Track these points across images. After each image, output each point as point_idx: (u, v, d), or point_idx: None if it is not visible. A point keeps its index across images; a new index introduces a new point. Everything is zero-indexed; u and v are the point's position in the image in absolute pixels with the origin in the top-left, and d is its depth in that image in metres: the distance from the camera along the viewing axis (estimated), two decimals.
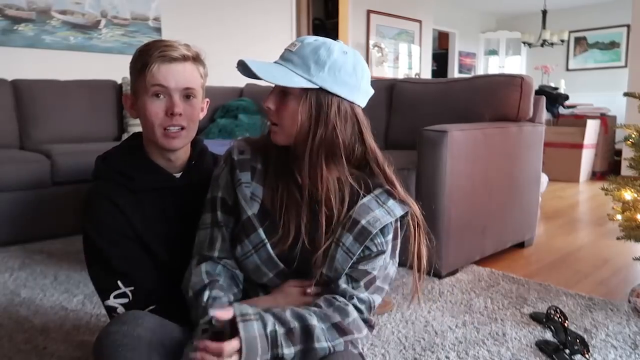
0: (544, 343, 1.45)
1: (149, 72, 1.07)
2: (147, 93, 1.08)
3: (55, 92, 3.11)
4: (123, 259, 1.06)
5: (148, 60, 1.07)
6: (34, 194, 2.55)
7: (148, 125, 1.10)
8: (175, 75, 1.09)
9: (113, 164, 1.14)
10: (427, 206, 1.97)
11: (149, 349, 0.83)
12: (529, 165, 2.41)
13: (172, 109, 1.08)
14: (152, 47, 1.09)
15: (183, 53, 1.10)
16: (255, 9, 4.51)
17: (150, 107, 1.08)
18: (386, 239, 0.97)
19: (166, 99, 1.09)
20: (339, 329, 0.88)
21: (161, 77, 1.07)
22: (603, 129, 5.23)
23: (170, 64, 1.08)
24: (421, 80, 2.92)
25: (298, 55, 0.91)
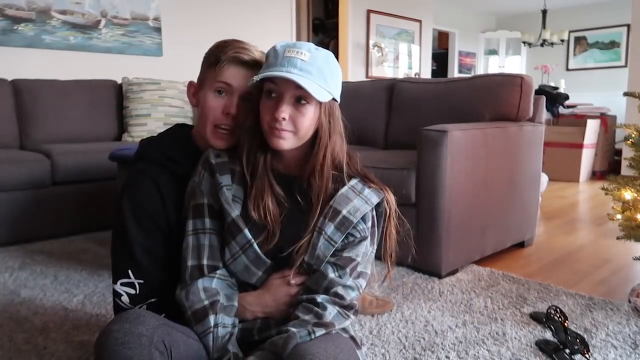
0: (544, 343, 1.46)
1: (218, 68, 1.09)
2: (211, 87, 1.11)
3: (55, 92, 3.11)
4: (144, 249, 1.06)
5: (221, 57, 1.10)
6: (34, 194, 2.55)
7: (203, 117, 1.12)
8: (242, 77, 1.10)
9: (160, 147, 1.14)
10: (427, 206, 1.98)
11: (150, 348, 0.83)
12: (529, 165, 2.41)
13: (228, 108, 1.10)
14: (229, 45, 1.12)
15: (255, 58, 1.12)
16: (255, 9, 4.51)
17: (210, 101, 1.11)
18: (367, 226, 1.02)
19: (226, 98, 1.11)
20: (320, 326, 0.92)
21: (229, 75, 1.10)
22: (603, 128, 5.23)
23: (242, 66, 1.10)
24: (421, 80, 2.92)
25: (314, 66, 0.95)
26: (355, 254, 1.00)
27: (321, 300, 0.95)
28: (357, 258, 1.00)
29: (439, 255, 1.99)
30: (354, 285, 0.99)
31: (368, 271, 1.03)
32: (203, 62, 1.16)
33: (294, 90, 0.94)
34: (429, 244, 2.00)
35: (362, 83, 3.36)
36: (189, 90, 1.20)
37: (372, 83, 3.26)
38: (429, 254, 2.01)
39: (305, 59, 0.94)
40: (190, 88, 1.20)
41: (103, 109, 3.26)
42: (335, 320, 0.94)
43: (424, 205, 2.01)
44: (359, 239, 1.01)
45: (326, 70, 0.96)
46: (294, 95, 0.95)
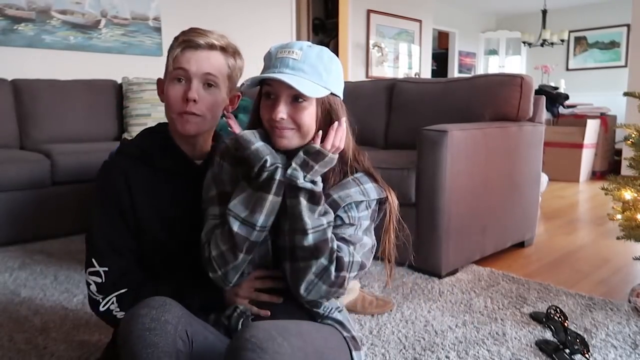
0: (544, 343, 1.46)
1: (172, 56, 1.10)
2: (170, 77, 1.12)
3: (55, 92, 3.11)
4: (107, 238, 1.07)
5: (174, 44, 1.11)
6: (34, 194, 2.55)
7: (167, 108, 1.13)
8: (197, 60, 1.10)
9: (137, 142, 1.17)
10: (427, 206, 1.98)
11: (175, 336, 0.84)
12: (529, 165, 2.41)
13: (187, 93, 1.09)
14: (185, 33, 1.13)
15: (210, 41, 1.11)
16: (255, 9, 4.51)
17: (170, 91, 1.11)
18: (359, 215, 1.02)
19: (185, 85, 1.10)
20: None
21: (184, 60, 1.09)
22: (603, 128, 5.23)
23: (195, 50, 1.10)
24: (421, 80, 2.92)
25: (307, 63, 0.95)
26: (342, 232, 1.00)
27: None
28: (344, 235, 1.00)
29: (439, 255, 1.99)
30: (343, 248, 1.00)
31: (358, 258, 0.99)
32: (168, 57, 1.16)
33: (288, 90, 0.94)
34: (429, 244, 2.00)
35: (362, 83, 3.36)
36: (158, 88, 1.19)
37: (372, 83, 3.25)
38: (429, 254, 2.01)
39: (297, 58, 0.95)
40: (158, 86, 1.19)
41: (103, 109, 3.26)
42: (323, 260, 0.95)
43: (424, 205, 2.01)
44: (347, 225, 1.00)
45: (320, 66, 0.97)
46: (290, 95, 0.95)
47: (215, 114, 1.16)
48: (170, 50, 1.13)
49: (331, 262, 0.95)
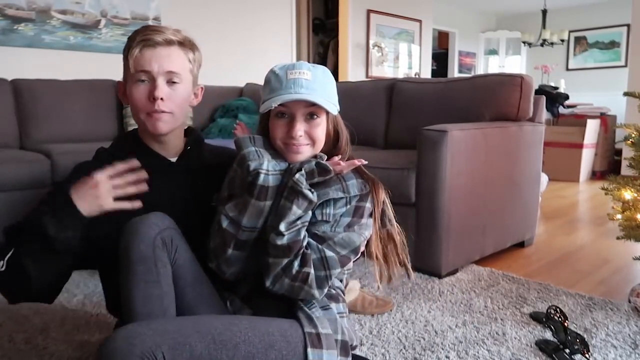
0: (544, 343, 1.46)
1: (131, 57, 1.08)
2: (132, 79, 1.10)
3: (55, 92, 3.11)
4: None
5: (131, 45, 1.09)
6: (34, 194, 2.54)
7: (134, 111, 1.12)
8: (158, 59, 1.09)
9: (108, 149, 1.20)
10: (427, 206, 1.98)
11: (157, 235, 0.97)
12: (529, 165, 2.41)
13: (152, 93, 1.09)
14: (139, 32, 1.11)
15: (167, 37, 1.10)
16: (255, 9, 4.51)
17: (134, 93, 1.10)
18: (334, 212, 1.04)
19: (149, 84, 1.10)
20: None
21: (144, 61, 1.08)
22: (603, 128, 5.23)
23: (154, 48, 1.09)
24: (421, 80, 2.92)
25: (317, 83, 1.03)
26: (315, 229, 1.03)
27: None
28: (317, 232, 1.03)
29: (439, 255, 1.99)
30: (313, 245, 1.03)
31: (344, 252, 1.02)
32: (123, 59, 1.14)
33: (304, 109, 1.02)
34: (429, 244, 2.00)
35: (362, 83, 3.36)
36: (119, 91, 1.18)
37: (372, 83, 3.26)
38: (429, 254, 2.01)
39: (309, 78, 1.02)
40: (119, 89, 1.18)
41: (103, 109, 3.26)
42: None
43: (424, 205, 2.01)
44: (320, 221, 1.03)
45: (328, 86, 1.06)
46: (305, 113, 1.03)
47: (183, 110, 1.17)
48: (128, 50, 1.11)
49: (296, 257, 0.98)
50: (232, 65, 4.25)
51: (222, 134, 3.18)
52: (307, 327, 1.00)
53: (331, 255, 1.01)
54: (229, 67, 4.19)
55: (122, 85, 1.16)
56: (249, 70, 4.32)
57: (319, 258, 1.00)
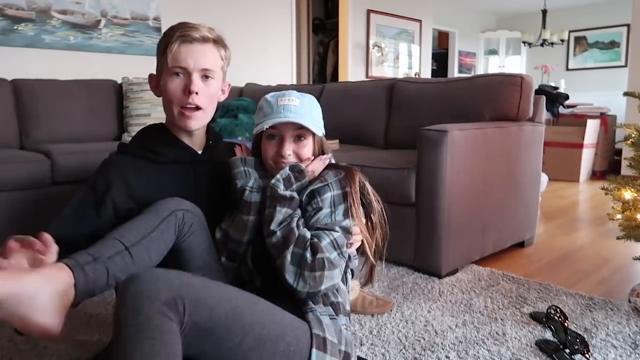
0: (544, 342, 1.46)
1: (169, 52, 1.14)
2: (168, 72, 1.15)
3: (55, 92, 3.11)
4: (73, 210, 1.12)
5: (169, 40, 1.14)
6: (34, 194, 2.55)
7: (167, 103, 1.18)
8: (194, 55, 1.15)
9: (138, 140, 1.23)
10: (427, 206, 1.98)
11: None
12: (528, 165, 2.41)
13: (189, 87, 1.15)
14: (176, 28, 1.16)
15: (203, 34, 1.17)
16: (255, 9, 4.51)
17: (170, 86, 1.16)
18: (322, 197, 1.12)
19: (185, 78, 1.16)
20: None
21: (181, 57, 1.14)
22: (603, 128, 5.23)
23: (190, 44, 1.15)
24: (421, 80, 2.92)
25: (304, 109, 1.15)
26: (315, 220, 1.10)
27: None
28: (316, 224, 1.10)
29: (439, 255, 1.99)
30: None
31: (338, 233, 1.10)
32: (157, 52, 1.19)
33: (293, 131, 1.15)
34: (429, 244, 2.00)
35: (362, 83, 3.36)
36: (151, 83, 1.23)
37: (372, 83, 3.25)
38: (429, 254, 2.01)
39: (297, 104, 1.14)
40: (151, 81, 1.23)
41: (103, 109, 3.26)
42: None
43: (424, 205, 2.01)
44: (314, 209, 1.11)
45: (314, 111, 1.18)
46: (293, 135, 1.15)
47: (213, 105, 1.24)
48: (164, 45, 1.15)
49: (305, 249, 1.04)
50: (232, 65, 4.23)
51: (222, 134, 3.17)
52: (315, 329, 1.01)
53: (338, 235, 1.09)
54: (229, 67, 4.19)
55: (156, 78, 1.21)
56: (249, 70, 4.32)
57: (329, 242, 1.06)
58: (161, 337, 0.79)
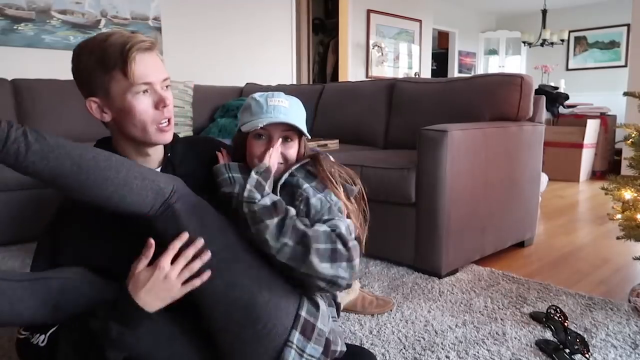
0: (544, 342, 1.46)
1: (129, 69, 1.02)
2: (130, 92, 1.04)
3: (55, 92, 3.11)
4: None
5: (123, 57, 1.02)
6: (34, 194, 2.55)
7: (137, 124, 1.06)
8: (154, 66, 1.07)
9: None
10: (427, 206, 1.98)
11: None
12: (528, 165, 2.41)
13: (164, 101, 1.07)
14: (118, 42, 1.03)
15: (151, 41, 1.07)
16: (255, 9, 4.51)
17: (139, 106, 1.05)
18: (303, 185, 1.13)
19: (151, 94, 1.07)
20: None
21: (145, 72, 1.04)
22: (603, 128, 5.23)
23: (144, 54, 1.05)
24: (421, 80, 2.92)
25: (293, 110, 1.16)
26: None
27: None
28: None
29: (439, 255, 1.99)
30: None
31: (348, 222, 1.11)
32: (93, 70, 1.05)
33: (281, 132, 1.15)
34: (429, 244, 2.00)
35: (362, 83, 3.36)
36: (91, 108, 1.09)
37: (372, 83, 3.26)
38: (429, 254, 2.01)
39: (287, 106, 1.14)
40: (91, 105, 1.09)
41: None
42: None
43: (424, 205, 2.01)
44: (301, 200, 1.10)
45: (300, 113, 1.19)
46: (281, 135, 1.16)
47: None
48: (111, 62, 1.02)
49: (334, 241, 1.01)
50: (232, 65, 4.25)
51: (222, 134, 3.18)
52: (304, 313, 1.03)
53: (345, 219, 1.09)
54: (229, 67, 4.19)
55: (97, 101, 1.07)
56: (249, 70, 4.32)
57: (346, 227, 1.05)
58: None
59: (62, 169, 0.91)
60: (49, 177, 0.91)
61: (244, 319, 0.98)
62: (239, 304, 0.98)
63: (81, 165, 0.92)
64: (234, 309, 0.98)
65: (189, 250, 0.97)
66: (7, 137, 0.87)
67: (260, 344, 0.99)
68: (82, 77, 1.07)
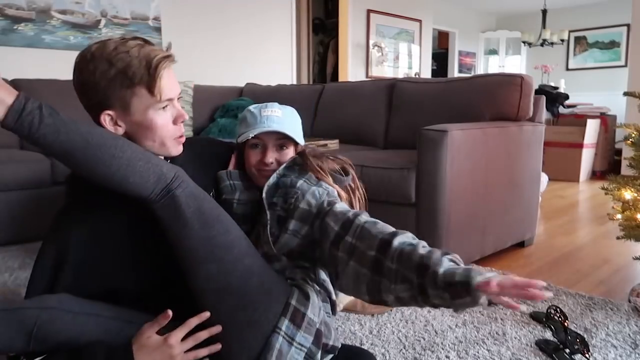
0: (544, 342, 1.46)
1: (156, 84, 1.01)
2: (152, 107, 1.03)
3: (55, 91, 3.09)
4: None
5: (151, 73, 1.00)
6: (34, 194, 2.55)
7: (156, 139, 1.06)
8: (174, 82, 1.08)
9: (85, 183, 1.04)
10: (427, 206, 1.98)
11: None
12: (528, 165, 2.41)
13: (182, 117, 1.09)
14: (141, 55, 1.01)
15: (172, 55, 1.07)
16: (255, 9, 4.51)
17: (160, 121, 1.05)
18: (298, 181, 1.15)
19: (170, 108, 1.07)
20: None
21: (169, 87, 1.04)
22: (603, 128, 5.23)
23: (169, 69, 1.05)
24: (421, 80, 2.92)
25: (286, 120, 1.21)
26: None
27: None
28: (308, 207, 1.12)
29: None
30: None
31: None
32: (111, 83, 1.01)
33: (275, 140, 1.20)
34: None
35: (362, 83, 3.36)
36: (104, 121, 1.05)
37: (372, 83, 3.26)
38: None
39: (280, 115, 1.19)
40: (104, 119, 1.04)
41: None
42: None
43: (424, 205, 2.01)
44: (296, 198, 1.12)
45: (295, 122, 1.24)
46: (275, 144, 1.20)
47: None
48: (137, 76, 1.00)
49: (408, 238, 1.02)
50: (232, 65, 4.25)
51: (222, 134, 3.18)
52: (294, 301, 1.04)
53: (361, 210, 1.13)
54: (229, 67, 4.19)
55: (113, 114, 1.03)
56: (249, 70, 4.32)
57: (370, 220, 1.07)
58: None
59: (71, 144, 0.93)
60: (59, 150, 0.94)
61: (236, 304, 1.01)
62: (231, 289, 1.01)
63: (89, 141, 0.94)
64: (227, 294, 1.01)
65: (202, 334, 1.00)
66: (23, 109, 0.91)
67: (251, 328, 1.01)
68: (95, 88, 1.03)
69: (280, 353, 1.00)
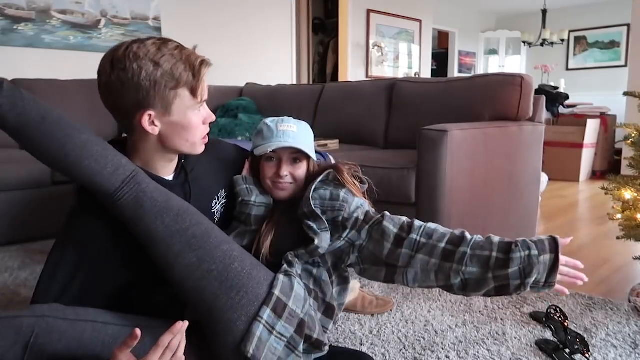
0: (544, 342, 1.46)
1: (198, 85, 1.05)
2: (192, 108, 1.07)
3: (55, 92, 3.11)
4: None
5: (196, 76, 1.04)
6: (33, 194, 2.55)
7: (189, 138, 1.10)
8: (207, 84, 1.11)
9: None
10: (427, 206, 1.98)
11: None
12: (528, 165, 2.41)
13: (211, 117, 1.14)
14: (185, 57, 1.04)
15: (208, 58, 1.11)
16: (255, 9, 4.51)
17: (195, 121, 1.09)
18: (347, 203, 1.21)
19: (202, 110, 1.12)
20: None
21: (206, 89, 1.10)
22: (603, 128, 5.23)
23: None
24: (421, 80, 2.92)
25: (301, 135, 1.25)
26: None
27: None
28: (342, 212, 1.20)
29: None
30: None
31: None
32: (156, 84, 1.00)
33: (290, 154, 1.25)
34: None
35: (362, 83, 3.36)
36: (144, 121, 1.03)
37: (372, 83, 3.25)
38: None
39: (295, 130, 1.24)
40: (144, 118, 1.03)
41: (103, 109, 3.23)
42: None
43: (424, 205, 2.01)
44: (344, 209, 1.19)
45: (308, 137, 1.29)
46: (290, 158, 1.25)
47: None
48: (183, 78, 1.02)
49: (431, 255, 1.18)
50: (232, 65, 4.25)
51: (222, 134, 3.18)
52: (277, 291, 1.06)
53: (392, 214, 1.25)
54: (229, 67, 4.19)
55: (155, 115, 1.03)
56: (249, 70, 4.33)
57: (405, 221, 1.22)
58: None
59: (26, 118, 0.94)
60: (14, 123, 0.95)
61: (218, 289, 1.02)
62: (212, 275, 1.02)
63: (45, 117, 0.96)
64: (208, 281, 1.02)
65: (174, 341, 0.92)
66: None
67: (234, 311, 1.01)
68: (136, 87, 1.00)
69: (260, 341, 1.01)
